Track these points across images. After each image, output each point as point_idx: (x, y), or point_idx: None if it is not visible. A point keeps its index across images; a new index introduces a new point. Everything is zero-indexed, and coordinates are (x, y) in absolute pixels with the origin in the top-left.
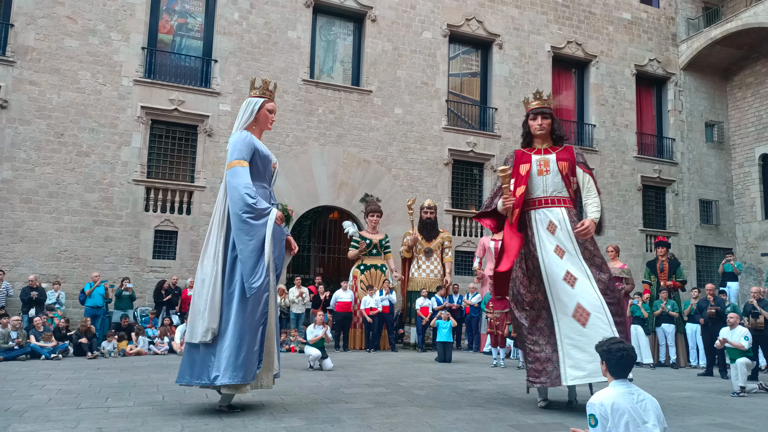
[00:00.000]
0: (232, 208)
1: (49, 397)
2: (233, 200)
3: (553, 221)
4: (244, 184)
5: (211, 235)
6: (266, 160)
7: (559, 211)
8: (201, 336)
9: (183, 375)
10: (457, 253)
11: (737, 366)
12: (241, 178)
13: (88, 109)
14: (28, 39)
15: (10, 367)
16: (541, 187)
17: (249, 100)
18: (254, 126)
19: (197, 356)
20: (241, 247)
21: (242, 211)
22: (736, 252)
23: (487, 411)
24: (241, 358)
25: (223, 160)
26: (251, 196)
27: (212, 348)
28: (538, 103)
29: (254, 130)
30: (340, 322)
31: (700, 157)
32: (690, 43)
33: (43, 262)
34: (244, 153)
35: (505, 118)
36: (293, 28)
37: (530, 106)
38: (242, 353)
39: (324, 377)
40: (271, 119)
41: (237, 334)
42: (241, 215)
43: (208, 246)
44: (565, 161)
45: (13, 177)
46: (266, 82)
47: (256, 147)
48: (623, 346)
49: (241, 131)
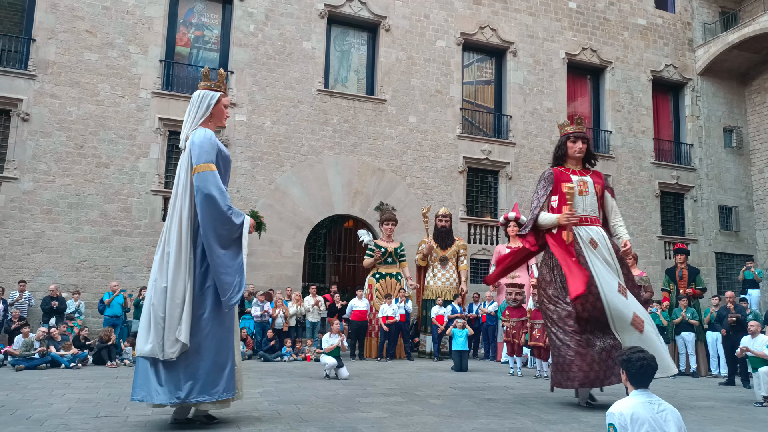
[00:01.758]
0: (208, 221)
1: (69, 406)
2: (210, 213)
3: (594, 238)
4: (220, 194)
5: (175, 242)
6: (227, 160)
7: (597, 229)
8: (172, 353)
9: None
10: (473, 262)
11: (759, 375)
12: (215, 185)
13: (107, 121)
14: (49, 53)
15: (31, 376)
16: (581, 206)
17: (202, 92)
18: (209, 122)
19: (162, 372)
20: (217, 261)
21: (222, 227)
22: (757, 259)
23: (504, 420)
24: (225, 373)
25: (239, 170)
26: (230, 208)
27: (184, 364)
28: (579, 128)
29: (209, 126)
30: (355, 331)
31: (719, 162)
32: (707, 48)
33: (63, 272)
34: (213, 155)
35: (519, 126)
36: (308, 38)
37: (567, 130)
38: (224, 368)
39: (340, 386)
40: (227, 114)
41: (214, 349)
42: (221, 231)
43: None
44: (599, 185)
45: (34, 188)
46: (222, 74)
47: (219, 147)
48: (644, 356)
49: (205, 130)
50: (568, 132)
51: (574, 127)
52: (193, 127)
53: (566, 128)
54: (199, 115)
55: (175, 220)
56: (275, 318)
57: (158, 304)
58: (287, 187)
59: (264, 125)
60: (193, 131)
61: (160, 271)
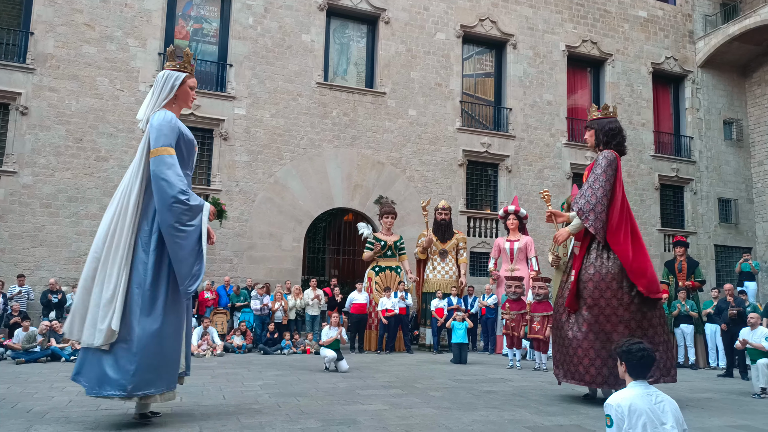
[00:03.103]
0: (163, 206)
1: (69, 399)
2: (163, 197)
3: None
4: (177, 179)
5: (119, 227)
6: (190, 144)
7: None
8: (103, 339)
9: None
10: (472, 255)
11: (758, 367)
12: (171, 169)
13: (106, 115)
14: (48, 46)
15: (32, 369)
16: None
17: (167, 73)
18: (173, 104)
19: (106, 361)
20: (175, 248)
21: (177, 211)
22: (757, 251)
23: (503, 413)
24: (168, 365)
25: (239, 164)
26: (185, 192)
27: (125, 354)
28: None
29: (173, 108)
30: (355, 324)
31: (719, 155)
32: (707, 40)
33: (62, 266)
34: (171, 138)
35: (519, 119)
36: (307, 31)
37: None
38: (168, 359)
39: (340, 379)
40: (192, 97)
41: (159, 341)
42: (176, 214)
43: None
44: None
45: (33, 182)
46: (188, 54)
47: (181, 130)
48: (643, 347)
49: (165, 112)
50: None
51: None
52: (155, 108)
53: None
54: (162, 97)
55: (117, 205)
56: (275, 311)
57: (85, 292)
58: (287, 180)
59: (263, 118)
60: (154, 113)
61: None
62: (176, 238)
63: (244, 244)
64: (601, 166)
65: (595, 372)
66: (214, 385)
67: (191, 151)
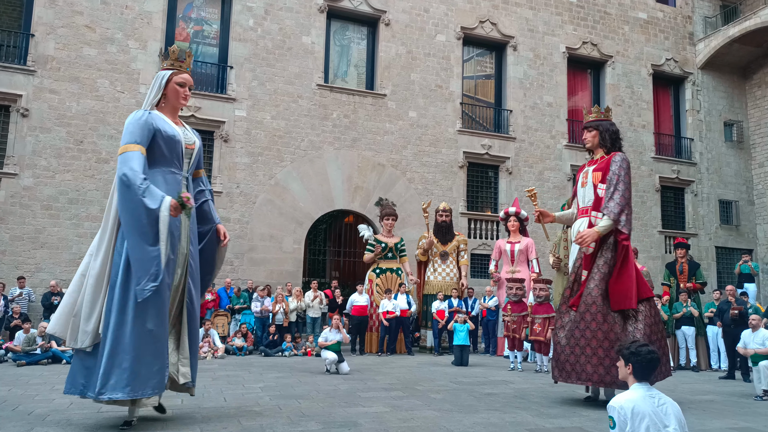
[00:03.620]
0: (120, 201)
1: (70, 401)
2: (122, 194)
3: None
4: (134, 175)
5: (100, 231)
6: (172, 141)
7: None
8: (85, 341)
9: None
10: (473, 257)
11: (760, 369)
12: (130, 162)
13: (106, 117)
14: (48, 48)
15: (33, 372)
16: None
17: (158, 73)
18: (164, 104)
19: (90, 363)
20: (131, 243)
21: (134, 209)
22: (758, 253)
23: (505, 415)
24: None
25: (239, 166)
26: (142, 188)
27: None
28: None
29: (164, 108)
30: (356, 326)
31: (719, 156)
32: (708, 41)
33: (63, 268)
34: (137, 136)
35: (520, 120)
36: (307, 33)
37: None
38: (140, 364)
39: (341, 381)
40: (183, 94)
41: (132, 344)
42: (133, 213)
43: (102, 244)
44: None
45: (34, 184)
46: (174, 51)
47: (158, 127)
48: (651, 349)
49: (137, 111)
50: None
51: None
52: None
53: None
54: (151, 98)
55: (110, 211)
56: (276, 313)
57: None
58: (287, 182)
59: (264, 120)
60: None
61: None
62: (132, 234)
63: (244, 246)
64: (623, 168)
65: (604, 371)
66: (215, 387)
67: (173, 147)
